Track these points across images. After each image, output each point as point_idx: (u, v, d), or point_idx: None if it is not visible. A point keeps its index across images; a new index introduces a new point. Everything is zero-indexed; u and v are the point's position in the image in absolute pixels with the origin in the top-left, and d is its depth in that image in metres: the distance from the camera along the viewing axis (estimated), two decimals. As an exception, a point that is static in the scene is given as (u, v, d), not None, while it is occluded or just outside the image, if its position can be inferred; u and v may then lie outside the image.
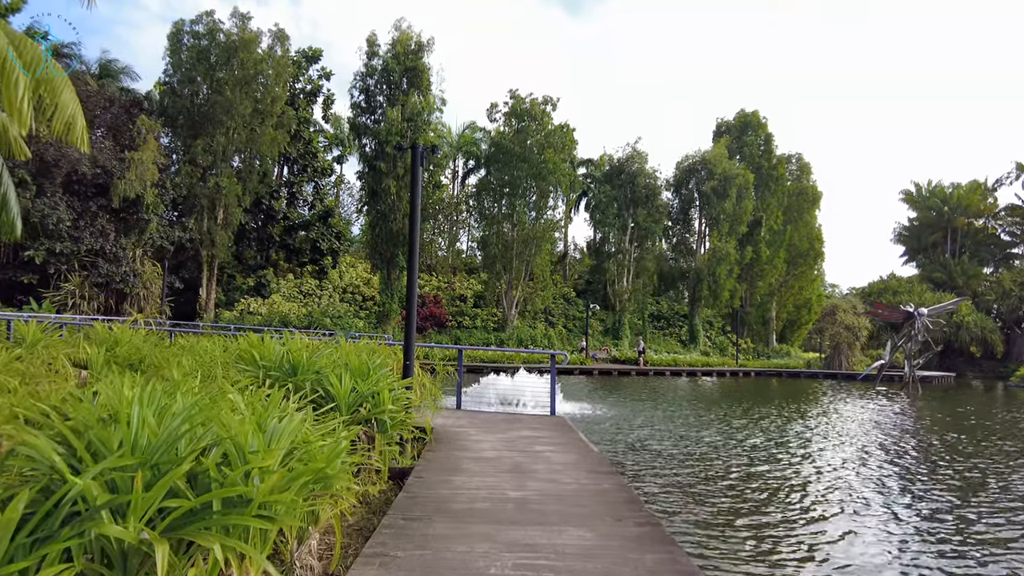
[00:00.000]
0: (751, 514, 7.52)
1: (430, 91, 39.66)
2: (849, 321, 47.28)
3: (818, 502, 8.25)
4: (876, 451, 12.32)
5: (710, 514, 7.44)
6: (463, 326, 41.83)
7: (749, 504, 8.01)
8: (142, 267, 30.99)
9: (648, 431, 13.78)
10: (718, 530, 6.86)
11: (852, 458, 11.42)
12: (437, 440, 8.33)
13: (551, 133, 41.51)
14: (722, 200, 48.84)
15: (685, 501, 7.94)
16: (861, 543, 6.53)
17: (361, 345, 8.48)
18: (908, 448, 12.86)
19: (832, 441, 13.43)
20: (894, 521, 7.37)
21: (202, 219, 34.95)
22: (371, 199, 38.89)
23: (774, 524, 7.15)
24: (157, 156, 30.95)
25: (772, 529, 6.97)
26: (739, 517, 7.37)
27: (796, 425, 15.86)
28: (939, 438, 14.36)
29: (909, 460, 11.54)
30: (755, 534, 6.77)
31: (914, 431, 15.67)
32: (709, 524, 7.06)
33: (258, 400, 4.55)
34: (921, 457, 11.86)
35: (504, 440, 8.54)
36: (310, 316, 36.15)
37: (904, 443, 13.49)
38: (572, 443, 8.57)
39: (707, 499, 8.17)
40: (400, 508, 5.14)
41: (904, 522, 7.37)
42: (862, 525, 7.17)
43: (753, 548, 6.31)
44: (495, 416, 11.02)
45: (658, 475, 9.39)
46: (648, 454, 10.95)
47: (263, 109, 36.21)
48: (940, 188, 60.80)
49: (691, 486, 8.86)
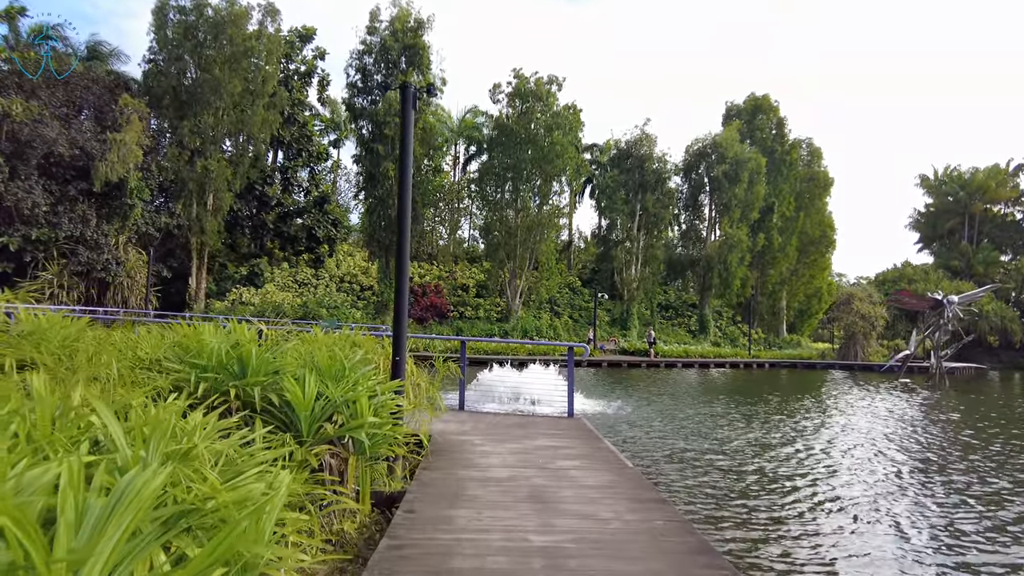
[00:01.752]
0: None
1: (430, 70, 37.84)
2: (865, 310, 45.60)
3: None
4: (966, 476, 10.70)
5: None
6: (465, 316, 40.20)
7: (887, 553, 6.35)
8: (126, 255, 29.32)
9: (679, 433, 12.14)
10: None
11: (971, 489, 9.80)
12: (435, 452, 6.73)
13: (557, 114, 39.68)
14: (734, 185, 47.00)
15: (771, 550, 6.24)
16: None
17: (339, 336, 6.85)
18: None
19: (915, 455, 11.83)
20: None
21: (190, 205, 33.22)
22: (368, 184, 37.16)
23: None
24: (141, 137, 29.23)
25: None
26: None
27: (851, 431, 14.24)
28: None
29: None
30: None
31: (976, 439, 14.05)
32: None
33: (160, 418, 2.91)
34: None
35: (517, 452, 6.93)
36: (305, 306, 34.53)
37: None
38: (600, 455, 6.96)
39: (797, 543, 6.51)
40: (380, 568, 3.54)
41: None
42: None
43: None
44: (504, 419, 9.40)
45: (717, 501, 7.68)
46: (693, 469, 9.23)
47: (254, 89, 34.39)
48: (958, 173, 58.82)
49: (772, 524, 7.21)
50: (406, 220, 6.17)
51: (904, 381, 29.65)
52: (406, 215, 6.24)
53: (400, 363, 6.17)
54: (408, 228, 6.20)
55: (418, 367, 8.56)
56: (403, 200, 6.14)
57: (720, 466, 9.29)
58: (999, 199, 56.79)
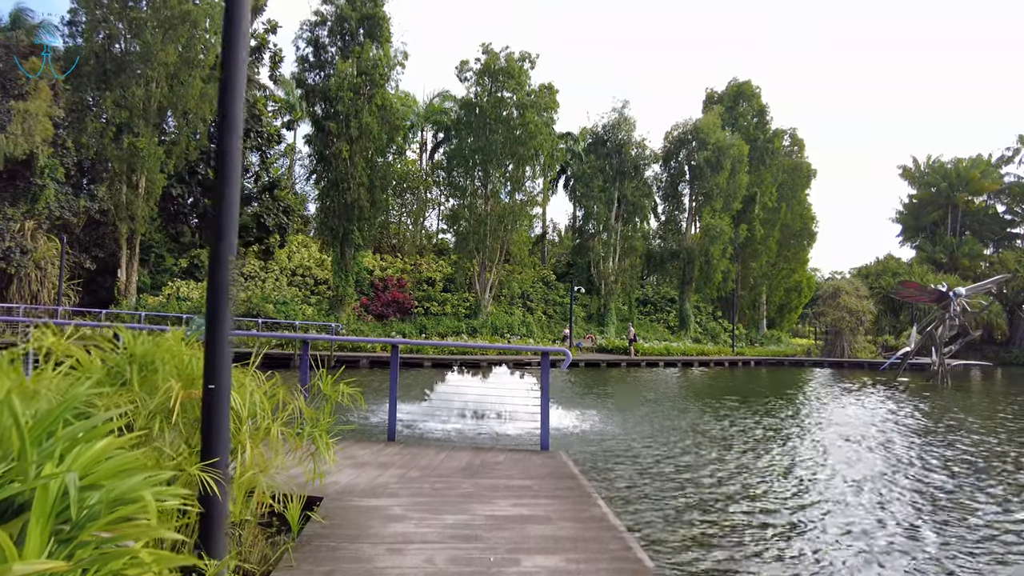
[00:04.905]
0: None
1: (390, 42, 34.48)
2: (853, 305, 43.64)
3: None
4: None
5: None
6: (431, 312, 37.01)
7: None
8: (34, 243, 25.49)
9: (687, 466, 9.22)
10: None
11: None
12: (312, 541, 3.70)
13: (531, 93, 36.68)
14: (716, 173, 44.59)
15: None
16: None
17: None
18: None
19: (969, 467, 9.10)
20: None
21: (118, 187, 29.30)
22: (320, 165, 33.70)
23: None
24: (52, 108, 25.41)
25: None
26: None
27: (901, 444, 11.55)
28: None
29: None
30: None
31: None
32: None
33: None
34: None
35: (460, 533, 3.91)
36: (249, 302, 30.96)
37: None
38: (594, 535, 3.99)
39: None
40: None
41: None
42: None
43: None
44: (451, 458, 6.31)
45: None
46: (735, 543, 6.30)
47: (191, 58, 30.63)
48: (940, 164, 57.41)
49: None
50: (229, 165, 3.13)
51: (902, 380, 27.45)
52: (231, 158, 3.20)
53: (218, 400, 3.11)
54: (234, 174, 3.20)
55: (292, 391, 5.46)
56: (227, 132, 3.09)
57: (768, 530, 6.41)
58: (983, 191, 55.48)
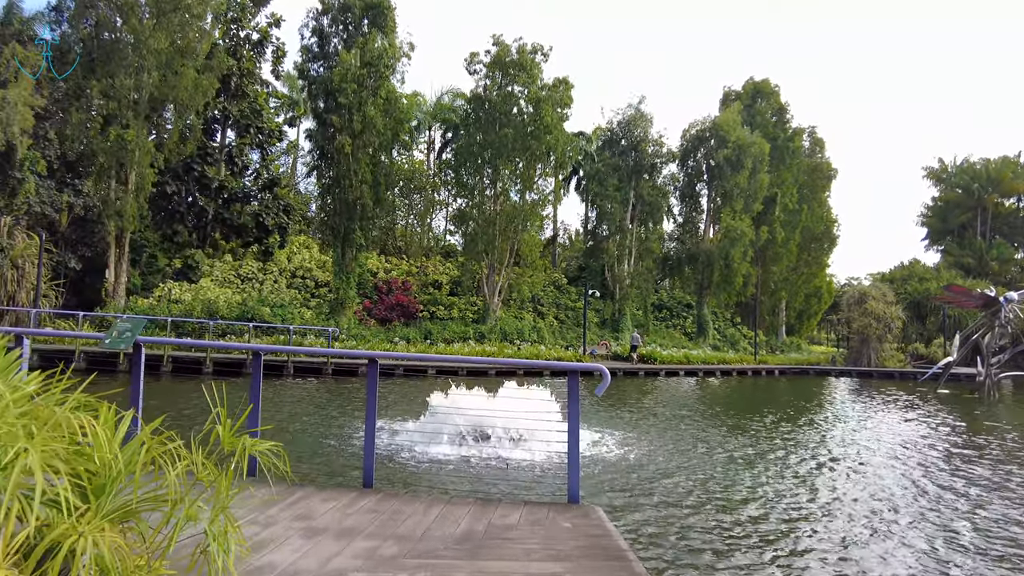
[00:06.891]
0: None
1: (395, 32, 32.78)
2: (880, 311, 41.39)
3: None
4: None
5: None
6: (436, 317, 35.10)
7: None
8: (11, 240, 23.85)
9: (741, 512, 7.25)
10: None
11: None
12: None
13: (545, 88, 34.79)
14: (736, 172, 42.52)
15: None
16: None
17: None
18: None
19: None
20: None
21: (106, 182, 27.68)
22: (322, 161, 31.97)
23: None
24: (33, 96, 23.84)
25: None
26: None
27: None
28: None
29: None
30: None
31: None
32: None
33: None
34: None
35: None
36: (244, 304, 29.18)
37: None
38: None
39: None
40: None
41: None
42: None
43: None
44: (443, 519, 4.34)
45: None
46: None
47: (184, 47, 29.03)
48: (969, 164, 55.02)
49: None
50: None
51: (943, 392, 25.31)
52: None
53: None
54: None
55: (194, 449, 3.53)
56: None
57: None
58: (1015, 192, 53.05)
